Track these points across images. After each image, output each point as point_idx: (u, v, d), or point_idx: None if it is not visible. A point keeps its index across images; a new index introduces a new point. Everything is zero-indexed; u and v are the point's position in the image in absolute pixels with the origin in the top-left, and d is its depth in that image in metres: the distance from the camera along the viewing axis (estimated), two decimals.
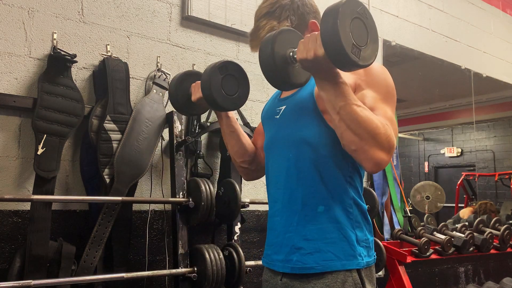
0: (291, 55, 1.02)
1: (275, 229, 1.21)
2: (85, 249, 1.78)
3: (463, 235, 2.97)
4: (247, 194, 2.42)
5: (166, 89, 2.10)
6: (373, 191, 2.61)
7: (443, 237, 2.89)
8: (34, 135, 1.74)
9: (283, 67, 1.02)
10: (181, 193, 2.03)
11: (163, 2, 2.25)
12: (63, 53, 1.84)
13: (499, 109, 4.77)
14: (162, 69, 2.17)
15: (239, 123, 1.83)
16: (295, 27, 1.20)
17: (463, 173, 4.59)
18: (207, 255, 1.93)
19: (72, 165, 1.92)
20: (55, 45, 1.89)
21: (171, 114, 2.09)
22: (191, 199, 1.99)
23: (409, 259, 2.68)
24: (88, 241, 1.80)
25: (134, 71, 2.10)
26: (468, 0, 4.02)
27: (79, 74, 1.96)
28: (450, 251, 2.87)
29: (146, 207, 2.08)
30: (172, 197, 2.06)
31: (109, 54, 2.01)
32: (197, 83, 1.34)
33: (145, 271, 2.00)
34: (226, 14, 2.41)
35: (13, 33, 1.83)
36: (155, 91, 2.09)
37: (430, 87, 4.11)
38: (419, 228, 3.02)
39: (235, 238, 2.18)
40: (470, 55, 3.92)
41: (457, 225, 3.35)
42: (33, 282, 1.58)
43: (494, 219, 3.45)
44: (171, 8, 2.27)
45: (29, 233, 1.67)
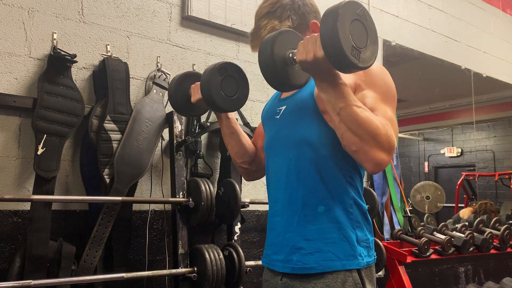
0: (290, 56, 1.01)
1: (275, 229, 1.21)
2: (85, 249, 1.78)
3: (463, 235, 2.97)
4: (247, 194, 2.42)
5: (166, 89, 2.09)
6: (373, 191, 2.61)
7: (443, 237, 2.89)
8: (34, 135, 1.74)
9: (283, 68, 1.02)
10: (181, 193, 2.03)
11: (163, 2, 2.24)
12: (63, 53, 1.84)
13: (499, 109, 4.76)
14: (162, 69, 2.17)
15: (239, 123, 1.83)
16: (296, 27, 1.20)
17: (463, 173, 4.59)
18: (207, 255, 1.93)
19: (72, 165, 1.92)
20: (55, 45, 1.89)
21: (171, 114, 2.09)
22: (191, 199, 1.99)
23: (409, 259, 2.68)
24: (88, 241, 1.80)
25: (134, 71, 2.10)
26: (468, 0, 4.02)
27: (79, 74, 1.96)
28: (450, 251, 2.87)
29: (146, 207, 2.08)
30: (172, 197, 2.06)
31: (109, 54, 2.01)
32: (196, 84, 1.34)
33: (145, 271, 2.00)
34: (226, 14, 2.41)
35: (13, 33, 1.83)
36: (155, 91, 2.09)
37: (430, 87, 4.11)
38: (419, 228, 3.02)
39: (235, 238, 2.18)
40: (470, 55, 3.92)
41: (457, 225, 3.35)
42: (33, 282, 1.58)
43: (494, 219, 3.45)
44: (171, 8, 2.27)
45: (29, 233, 1.67)
